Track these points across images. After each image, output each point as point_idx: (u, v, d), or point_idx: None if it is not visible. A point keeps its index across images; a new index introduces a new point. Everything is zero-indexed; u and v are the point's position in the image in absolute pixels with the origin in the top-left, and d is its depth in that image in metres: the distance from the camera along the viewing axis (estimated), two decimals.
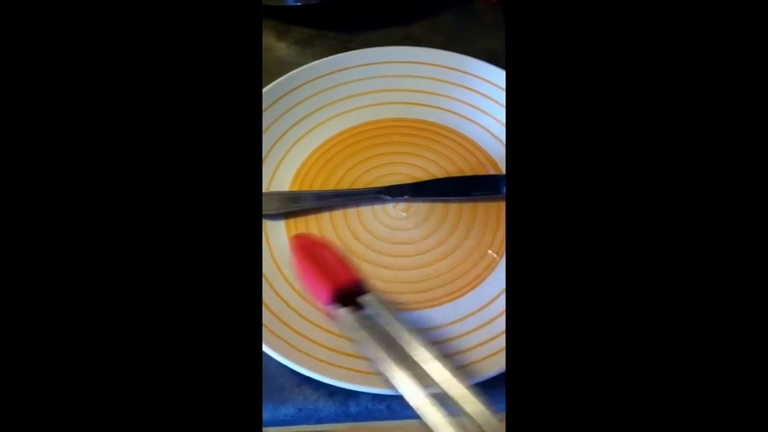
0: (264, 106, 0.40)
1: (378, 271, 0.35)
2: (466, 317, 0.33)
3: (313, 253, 0.29)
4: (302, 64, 0.46)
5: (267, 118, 0.40)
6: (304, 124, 0.41)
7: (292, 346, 0.31)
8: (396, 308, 0.32)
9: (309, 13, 0.50)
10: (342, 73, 0.43)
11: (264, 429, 0.35)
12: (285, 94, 0.41)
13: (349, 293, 0.28)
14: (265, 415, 0.32)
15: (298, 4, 0.49)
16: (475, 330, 0.33)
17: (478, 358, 0.31)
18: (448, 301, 0.34)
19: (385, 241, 0.36)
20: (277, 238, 0.36)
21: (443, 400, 0.23)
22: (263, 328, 0.32)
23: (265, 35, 0.49)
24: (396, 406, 0.32)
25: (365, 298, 0.28)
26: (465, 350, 0.32)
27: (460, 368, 0.30)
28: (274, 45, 0.49)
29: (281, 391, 0.32)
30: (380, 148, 0.41)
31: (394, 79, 0.43)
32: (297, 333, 0.32)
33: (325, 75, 0.43)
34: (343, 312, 0.27)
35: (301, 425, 0.33)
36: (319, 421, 0.32)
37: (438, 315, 0.33)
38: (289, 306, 0.34)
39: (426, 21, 0.50)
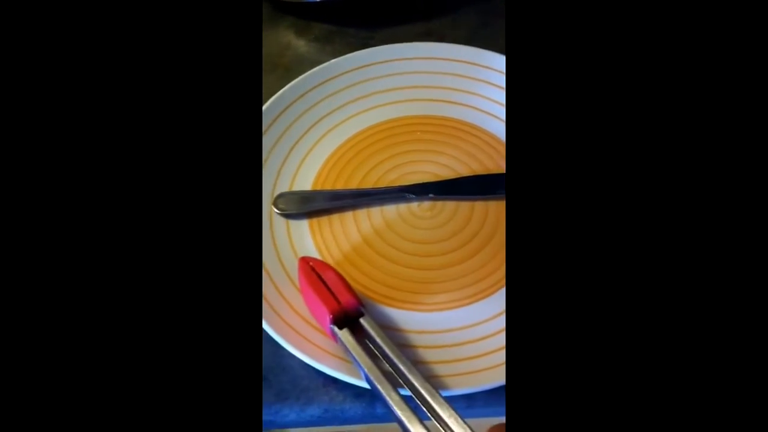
0: (284, 105, 0.40)
1: (401, 271, 0.35)
2: (484, 321, 0.33)
3: (316, 275, 0.31)
4: (323, 62, 0.46)
5: (287, 117, 0.40)
6: (325, 122, 0.41)
7: (319, 346, 0.31)
8: (389, 330, 0.33)
9: (328, 10, 0.49)
10: (363, 70, 0.42)
11: (289, 430, 0.35)
12: (305, 93, 0.41)
13: (348, 315, 0.29)
14: (291, 416, 0.32)
15: (316, 1, 0.49)
16: (493, 335, 0.32)
17: (494, 364, 0.30)
18: (469, 303, 0.33)
19: (409, 240, 0.36)
20: (301, 238, 0.36)
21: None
22: (289, 329, 0.32)
23: (285, 32, 0.49)
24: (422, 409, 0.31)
25: (363, 320, 0.29)
26: (479, 355, 0.31)
27: (470, 374, 0.30)
28: (293, 42, 0.49)
29: (307, 392, 0.32)
30: (403, 146, 0.40)
31: (416, 76, 0.42)
32: (323, 334, 0.32)
33: (346, 72, 0.42)
34: (343, 333, 0.29)
35: (327, 426, 0.33)
36: (345, 422, 0.32)
37: (456, 317, 0.33)
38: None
39: (447, 17, 0.49)
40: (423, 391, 0.26)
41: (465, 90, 0.42)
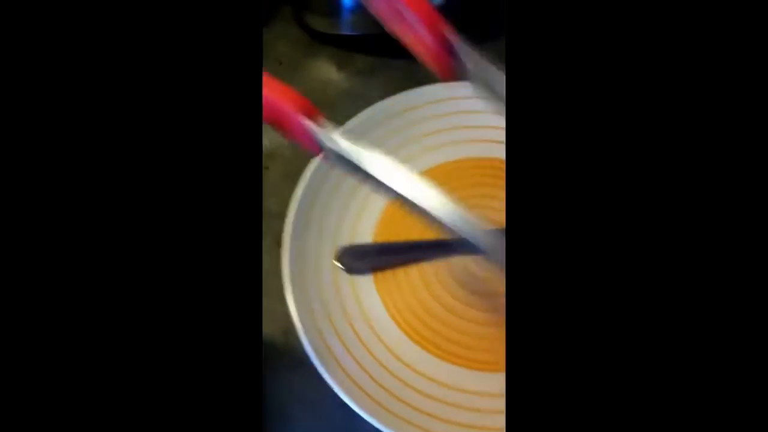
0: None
1: (473, 328, 0.34)
2: None
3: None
4: (368, 96, 0.44)
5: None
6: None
7: (388, 409, 0.31)
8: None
9: (370, 40, 0.48)
10: (429, 107, 0.41)
11: None
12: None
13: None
14: None
15: (355, 34, 0.47)
16: None
17: None
18: None
19: (478, 296, 0.35)
20: (368, 296, 0.35)
21: None
22: (363, 394, 0.31)
23: (325, 64, 0.48)
24: None
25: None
26: None
27: None
28: (334, 76, 0.47)
29: None
30: (464, 190, 0.39)
31: (480, 116, 0.40)
32: (398, 399, 0.32)
33: (402, 113, 0.41)
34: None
35: None
36: None
37: None
38: (380, 364, 0.33)
39: (494, 43, 0.47)
40: None
41: None
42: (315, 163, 0.38)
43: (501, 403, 0.31)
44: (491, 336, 0.34)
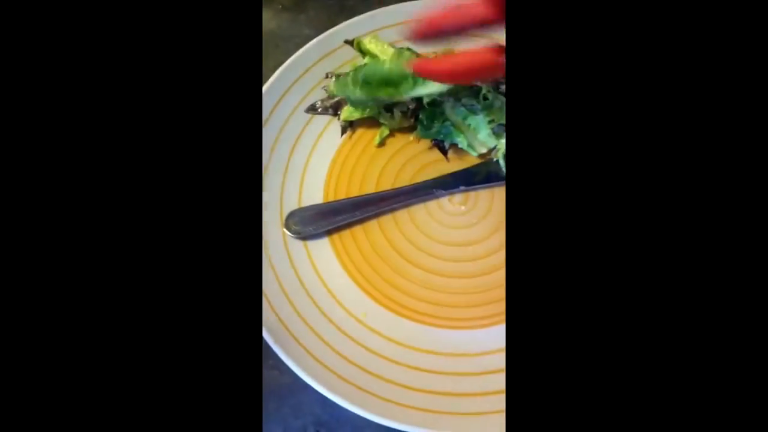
0: (269, 106, 0.34)
1: (436, 280, 0.31)
2: None
3: None
4: (298, 36, 0.39)
5: (281, 112, 0.34)
6: (318, 121, 0.35)
7: (362, 388, 0.28)
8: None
9: None
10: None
11: None
12: (291, 86, 0.35)
13: None
14: None
15: None
16: None
17: None
18: None
19: (444, 244, 0.32)
20: (326, 261, 0.32)
21: None
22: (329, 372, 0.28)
23: None
24: None
25: None
26: None
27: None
28: None
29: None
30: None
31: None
32: (373, 375, 0.29)
33: (334, 51, 0.36)
34: None
35: None
36: None
37: (497, 336, 0.29)
38: (344, 333, 0.30)
39: None
40: None
41: None
42: None
43: (479, 363, 0.28)
44: (463, 289, 0.31)
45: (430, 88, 0.29)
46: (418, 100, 0.32)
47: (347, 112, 0.33)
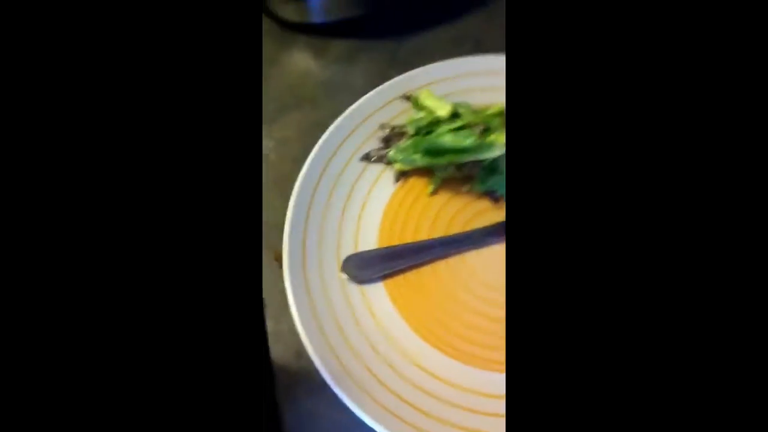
0: (327, 155, 0.36)
1: (487, 325, 0.32)
2: None
3: None
4: (351, 86, 0.41)
5: (333, 169, 0.36)
6: (373, 169, 0.37)
7: (403, 420, 0.29)
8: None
9: (346, 24, 0.44)
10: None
11: None
12: (347, 136, 0.37)
13: None
14: None
15: (328, 21, 0.43)
16: None
17: None
18: None
19: (496, 290, 0.33)
20: (381, 304, 0.33)
21: None
22: (385, 412, 0.29)
23: (300, 56, 0.44)
24: None
25: None
26: None
27: None
28: (312, 66, 0.44)
29: None
30: None
31: (476, 94, 0.37)
32: (421, 413, 0.30)
33: (389, 103, 0.38)
34: None
35: None
36: None
37: None
38: (399, 375, 0.31)
39: (478, 12, 0.44)
40: None
41: None
42: (306, 167, 0.35)
43: None
44: None
45: (492, 153, 0.31)
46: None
47: (404, 164, 0.35)
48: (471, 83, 0.38)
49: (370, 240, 0.35)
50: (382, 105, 0.37)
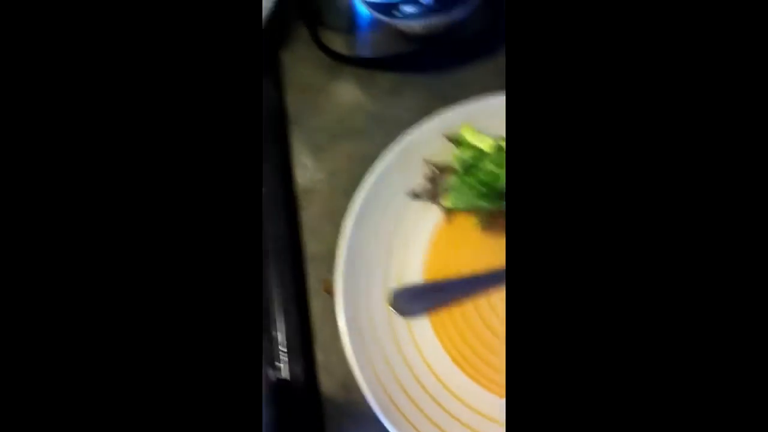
0: (375, 189, 0.37)
1: None
2: None
3: None
4: (397, 118, 0.42)
5: (379, 203, 0.37)
6: (418, 203, 0.38)
7: None
8: None
9: (391, 58, 0.45)
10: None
11: None
12: (393, 171, 0.38)
13: None
14: None
15: (375, 57, 0.44)
16: None
17: None
18: None
19: None
20: (426, 338, 0.34)
21: None
22: None
23: (347, 86, 0.46)
24: None
25: None
26: None
27: None
28: (359, 97, 0.45)
29: None
30: None
31: None
32: None
33: (435, 137, 0.39)
34: None
35: None
36: None
37: None
38: (444, 409, 0.32)
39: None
40: None
41: None
42: (357, 200, 0.36)
43: None
44: None
45: None
46: None
47: (451, 201, 0.36)
48: None
49: (414, 274, 0.36)
50: (426, 140, 0.38)
